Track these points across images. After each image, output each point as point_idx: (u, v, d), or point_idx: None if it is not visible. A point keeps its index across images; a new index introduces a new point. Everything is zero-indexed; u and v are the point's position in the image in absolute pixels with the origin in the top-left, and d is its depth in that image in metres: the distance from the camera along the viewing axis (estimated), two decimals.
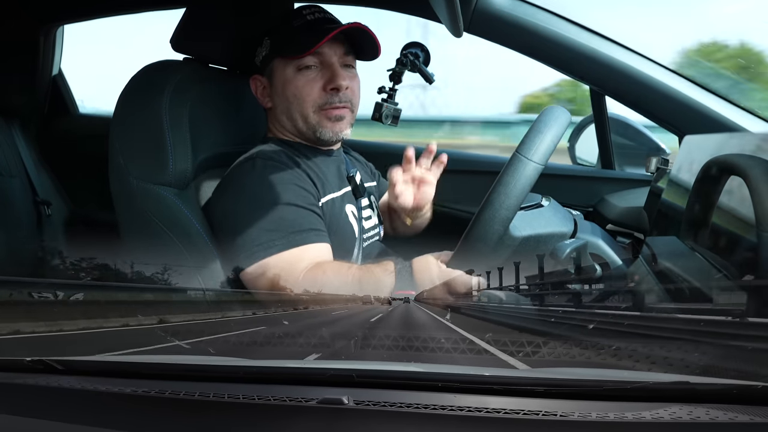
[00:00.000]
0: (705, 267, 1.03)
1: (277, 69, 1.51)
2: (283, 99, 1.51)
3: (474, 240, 1.22)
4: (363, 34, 1.48)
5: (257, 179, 1.41)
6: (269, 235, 1.34)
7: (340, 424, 0.77)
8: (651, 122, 1.61)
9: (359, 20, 1.48)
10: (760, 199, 0.94)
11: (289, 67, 1.49)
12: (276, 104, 1.54)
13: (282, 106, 1.53)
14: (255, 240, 1.34)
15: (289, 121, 1.53)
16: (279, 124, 1.56)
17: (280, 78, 1.51)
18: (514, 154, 1.21)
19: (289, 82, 1.49)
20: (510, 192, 1.19)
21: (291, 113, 1.51)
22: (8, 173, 1.99)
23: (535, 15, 1.48)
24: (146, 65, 1.49)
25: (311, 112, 1.50)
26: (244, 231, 1.35)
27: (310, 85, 1.48)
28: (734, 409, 0.74)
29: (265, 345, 1.14)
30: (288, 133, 1.56)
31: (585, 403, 0.77)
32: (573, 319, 1.12)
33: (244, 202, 1.39)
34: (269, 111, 1.58)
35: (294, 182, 1.43)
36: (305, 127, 1.52)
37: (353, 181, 1.60)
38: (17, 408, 0.86)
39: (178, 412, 0.84)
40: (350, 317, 1.28)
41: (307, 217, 1.40)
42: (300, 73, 1.48)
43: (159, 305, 1.28)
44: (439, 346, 1.04)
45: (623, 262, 1.32)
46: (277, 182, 1.41)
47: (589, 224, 1.44)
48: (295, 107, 1.50)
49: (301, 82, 1.48)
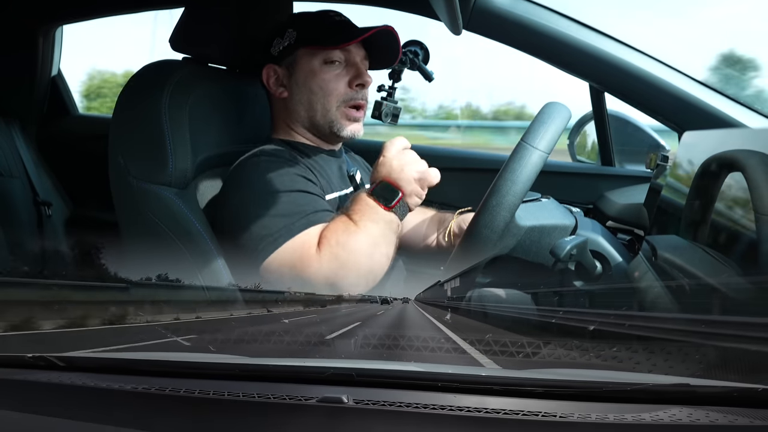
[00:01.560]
0: (705, 263, 1.03)
1: (301, 59, 1.51)
2: (305, 89, 1.52)
3: (481, 227, 1.23)
4: (384, 41, 1.51)
5: (263, 173, 1.41)
6: (286, 220, 1.34)
7: (339, 422, 0.77)
8: (650, 119, 1.61)
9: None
10: (759, 194, 0.94)
11: (315, 58, 1.50)
12: (294, 94, 1.53)
13: (302, 97, 1.53)
14: (272, 227, 1.34)
15: (307, 113, 1.53)
16: (292, 116, 1.55)
17: (304, 68, 1.51)
18: (520, 143, 1.22)
19: (315, 73, 1.50)
20: (516, 179, 1.19)
21: (312, 104, 1.52)
22: (8, 174, 1.99)
23: (534, 12, 1.48)
24: (146, 65, 1.49)
25: (334, 106, 1.51)
26: (258, 223, 1.35)
27: (336, 79, 1.50)
28: (734, 411, 0.74)
29: (264, 342, 1.15)
30: (297, 128, 1.56)
31: (585, 404, 0.77)
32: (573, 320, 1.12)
33: (254, 196, 1.39)
34: (280, 102, 1.56)
35: (299, 174, 1.44)
36: (323, 120, 1.52)
37: (354, 180, 1.60)
38: (18, 404, 0.86)
39: (179, 409, 0.85)
40: (349, 316, 1.28)
41: (318, 200, 1.42)
42: (326, 66, 1.50)
43: (159, 304, 1.28)
44: (438, 346, 1.04)
45: (624, 258, 1.32)
46: (283, 174, 1.42)
47: (589, 221, 1.44)
48: (318, 98, 1.51)
49: (328, 75, 1.50)
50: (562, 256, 1.25)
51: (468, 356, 1.03)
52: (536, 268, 1.32)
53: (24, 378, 0.94)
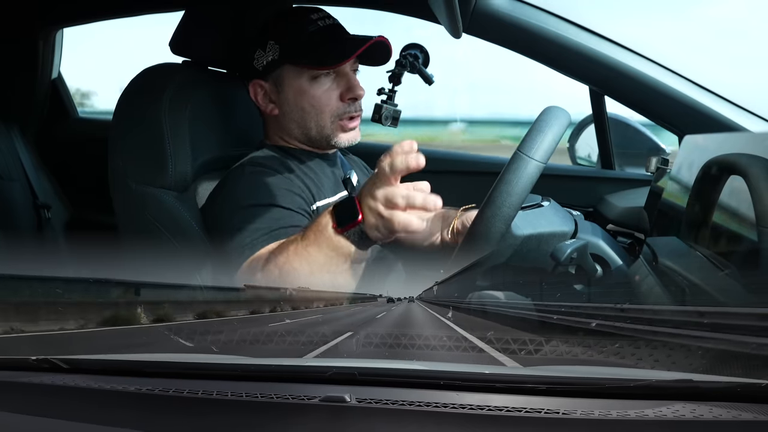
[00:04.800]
0: (706, 266, 1.03)
1: (287, 76, 1.46)
2: (296, 108, 1.47)
3: (477, 238, 1.22)
4: (375, 45, 1.46)
5: (246, 185, 1.39)
6: (253, 234, 1.31)
7: (342, 422, 0.77)
8: (651, 122, 1.61)
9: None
10: (760, 198, 0.94)
11: (302, 75, 1.45)
12: (285, 112, 1.49)
13: (294, 115, 1.48)
14: (242, 240, 1.31)
15: (300, 129, 1.49)
16: (284, 131, 1.52)
17: (291, 86, 1.46)
18: (516, 153, 1.21)
19: (304, 91, 1.45)
20: (512, 190, 1.19)
21: (305, 122, 1.48)
22: (8, 177, 1.99)
23: (534, 16, 1.48)
24: (145, 68, 1.49)
25: (328, 122, 1.47)
26: (232, 233, 1.33)
27: (327, 95, 1.46)
28: (738, 407, 0.74)
29: (267, 343, 1.15)
30: (290, 140, 1.52)
31: (587, 401, 0.76)
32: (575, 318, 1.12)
33: (232, 207, 1.37)
34: (272, 118, 1.52)
35: (283, 186, 1.40)
36: (318, 135, 1.49)
37: (349, 183, 1.58)
38: (23, 406, 0.86)
39: (182, 410, 0.85)
40: (352, 316, 1.28)
41: (294, 216, 1.37)
42: (315, 81, 1.45)
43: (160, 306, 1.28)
44: (441, 344, 1.04)
45: (624, 262, 1.32)
46: (266, 187, 1.38)
47: (589, 224, 1.44)
48: (311, 117, 1.47)
49: (318, 92, 1.45)
50: (562, 260, 1.25)
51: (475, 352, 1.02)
52: (536, 271, 1.32)
53: (28, 380, 0.94)
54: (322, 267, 1.15)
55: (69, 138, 2.39)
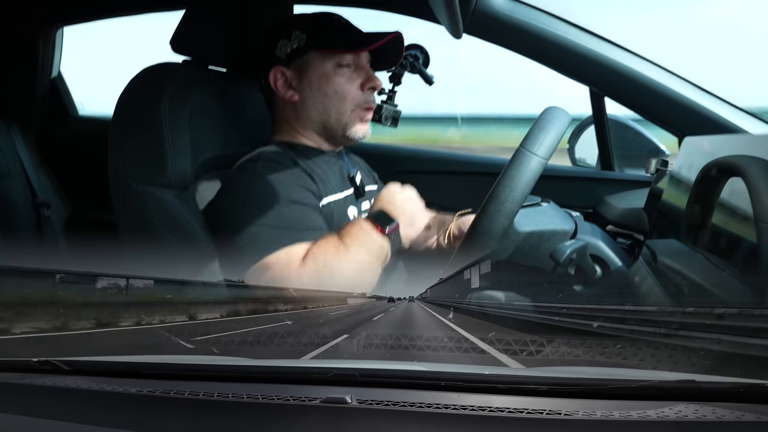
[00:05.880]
0: (705, 267, 1.03)
1: (312, 62, 1.51)
2: (318, 93, 1.51)
3: (479, 233, 1.22)
4: (390, 45, 1.52)
5: (259, 180, 1.41)
6: (275, 233, 1.34)
7: (343, 423, 0.77)
8: (650, 123, 1.61)
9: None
10: (758, 199, 0.94)
11: (328, 62, 1.50)
12: (307, 98, 1.52)
13: (315, 101, 1.52)
14: (260, 238, 1.33)
15: (320, 116, 1.53)
16: (302, 119, 1.54)
17: (316, 71, 1.50)
18: (519, 149, 1.21)
19: (329, 77, 1.50)
20: (515, 185, 1.19)
21: (326, 108, 1.52)
22: (7, 175, 1.98)
23: (534, 17, 1.48)
24: (145, 67, 1.49)
25: (349, 110, 1.52)
26: (248, 230, 1.34)
27: (350, 83, 1.51)
28: (741, 407, 0.74)
29: (267, 344, 1.15)
30: (304, 131, 1.55)
31: (589, 402, 0.77)
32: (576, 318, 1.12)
33: (247, 203, 1.39)
34: (288, 105, 1.55)
35: (296, 182, 1.43)
36: (336, 123, 1.53)
37: (354, 181, 1.60)
38: (24, 408, 0.86)
39: (183, 411, 0.85)
40: (352, 316, 1.28)
41: (311, 214, 1.41)
42: (340, 69, 1.50)
43: (160, 306, 1.28)
44: (442, 345, 1.04)
45: (624, 263, 1.32)
46: (279, 182, 1.41)
47: (589, 225, 1.44)
48: (333, 102, 1.51)
49: (342, 79, 1.51)
50: (561, 261, 1.25)
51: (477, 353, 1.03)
52: (536, 272, 1.32)
53: (30, 382, 0.95)
54: (367, 267, 1.35)
55: (69, 136, 2.38)
